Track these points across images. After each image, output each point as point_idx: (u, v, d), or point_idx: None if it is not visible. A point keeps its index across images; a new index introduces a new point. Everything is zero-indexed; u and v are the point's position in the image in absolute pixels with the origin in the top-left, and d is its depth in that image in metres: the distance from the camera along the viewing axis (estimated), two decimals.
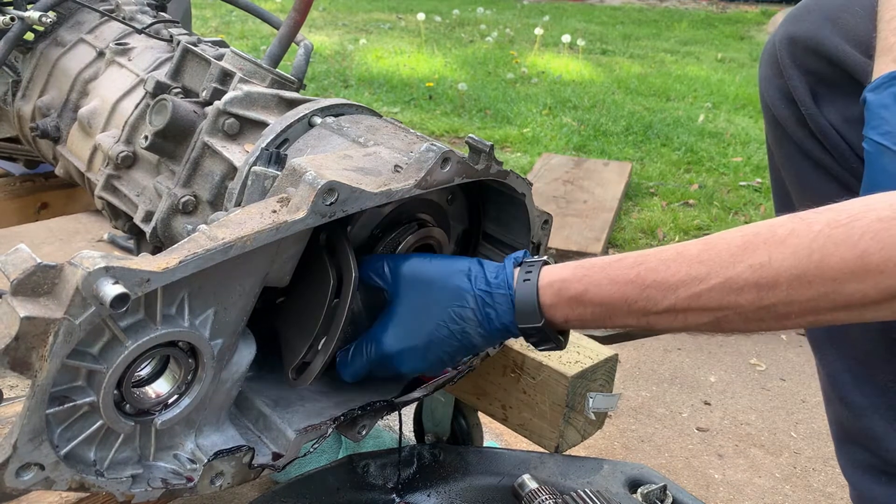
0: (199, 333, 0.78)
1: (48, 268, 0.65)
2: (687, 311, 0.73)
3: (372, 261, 0.90)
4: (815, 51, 0.97)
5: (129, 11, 1.39)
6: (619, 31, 7.39)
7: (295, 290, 0.90)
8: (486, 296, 0.83)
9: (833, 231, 0.65)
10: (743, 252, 0.69)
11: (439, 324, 0.85)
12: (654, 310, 0.74)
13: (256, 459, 0.86)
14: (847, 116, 0.95)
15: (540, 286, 0.81)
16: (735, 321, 0.71)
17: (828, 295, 0.66)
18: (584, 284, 0.78)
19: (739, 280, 0.69)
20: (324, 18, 7.28)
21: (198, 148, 1.04)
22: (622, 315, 0.77)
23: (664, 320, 0.75)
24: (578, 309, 0.79)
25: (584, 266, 0.80)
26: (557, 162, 3.36)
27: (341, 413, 0.94)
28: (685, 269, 0.72)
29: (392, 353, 0.88)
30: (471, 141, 0.90)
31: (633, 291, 0.75)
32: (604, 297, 0.77)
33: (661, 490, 1.01)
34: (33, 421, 0.68)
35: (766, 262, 0.68)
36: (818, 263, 0.65)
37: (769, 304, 0.68)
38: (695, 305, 0.72)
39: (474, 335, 0.85)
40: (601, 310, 0.78)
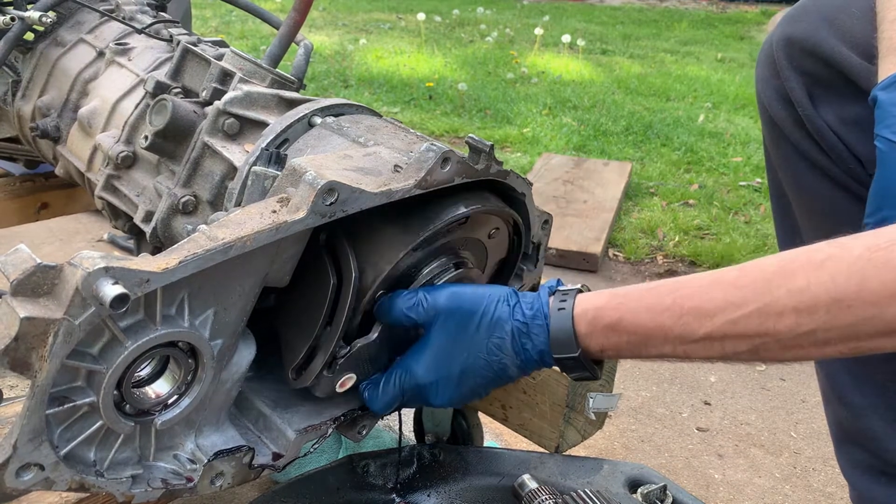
0: (199, 334, 0.78)
1: (48, 268, 0.65)
2: (724, 338, 0.72)
3: (404, 297, 0.88)
4: (811, 52, 0.96)
5: (129, 11, 1.39)
6: (619, 31, 7.39)
7: (295, 290, 0.90)
8: (523, 326, 0.83)
9: (873, 255, 0.65)
10: (781, 277, 0.69)
11: (477, 354, 0.84)
12: (692, 338, 0.73)
13: (256, 459, 0.86)
14: (843, 117, 0.95)
15: (575, 315, 0.81)
16: (773, 349, 0.70)
17: (868, 320, 0.65)
18: (620, 312, 0.78)
19: (778, 305, 0.68)
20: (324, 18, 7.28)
21: (198, 148, 1.04)
22: (658, 343, 0.76)
23: (701, 349, 0.74)
24: (614, 337, 0.78)
25: (619, 294, 0.79)
26: (557, 162, 3.36)
27: (341, 413, 0.94)
28: (722, 295, 0.72)
29: (426, 384, 0.87)
30: (471, 141, 0.90)
31: (670, 319, 0.74)
32: (639, 325, 0.76)
33: (661, 490, 1.01)
34: (33, 421, 0.68)
35: (805, 286, 0.67)
36: (858, 287, 0.64)
37: (808, 331, 0.68)
38: (732, 332, 0.71)
39: (510, 366, 0.84)
40: (637, 338, 0.77)
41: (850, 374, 1.06)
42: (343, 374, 0.91)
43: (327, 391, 0.92)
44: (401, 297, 0.87)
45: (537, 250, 1.06)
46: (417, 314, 0.86)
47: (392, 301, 0.88)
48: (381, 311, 0.88)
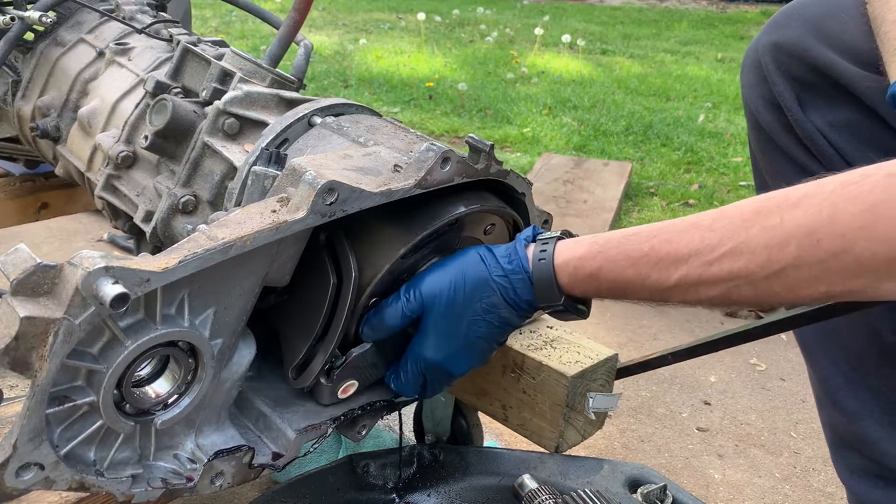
0: (199, 333, 0.78)
1: (48, 268, 0.65)
2: (698, 283, 0.73)
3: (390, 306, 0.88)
4: (800, 57, 0.97)
5: (128, 11, 1.39)
6: (619, 31, 7.39)
7: (295, 290, 0.90)
8: (505, 280, 0.85)
9: (844, 189, 0.64)
10: (756, 216, 0.69)
11: (473, 319, 0.86)
12: (667, 283, 0.75)
13: (256, 459, 0.87)
14: (833, 121, 0.95)
15: (556, 266, 0.82)
16: (745, 290, 0.70)
17: (837, 255, 0.64)
18: (599, 262, 0.79)
19: (750, 244, 0.68)
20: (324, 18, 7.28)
21: (198, 148, 1.04)
22: (637, 289, 0.78)
23: (676, 294, 0.75)
24: (594, 284, 0.81)
25: (598, 242, 0.81)
26: (557, 162, 3.36)
27: (341, 413, 0.94)
28: (698, 238, 0.72)
29: (441, 361, 0.88)
30: (471, 140, 0.90)
31: (647, 266, 0.75)
32: (618, 273, 0.78)
33: (660, 490, 1.01)
34: (33, 421, 0.68)
35: (778, 223, 0.67)
36: (829, 220, 0.64)
37: (779, 269, 0.67)
38: (706, 276, 0.72)
39: (509, 316, 0.86)
40: (616, 285, 0.79)
41: (844, 378, 1.06)
42: (343, 382, 0.92)
43: (330, 399, 0.92)
44: (388, 305, 0.88)
45: None
46: (410, 310, 0.87)
47: (382, 312, 0.88)
48: (374, 327, 0.89)
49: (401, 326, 0.88)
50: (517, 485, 0.99)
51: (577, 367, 1.07)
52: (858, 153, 0.93)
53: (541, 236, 0.87)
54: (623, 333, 2.17)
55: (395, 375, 0.93)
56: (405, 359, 0.91)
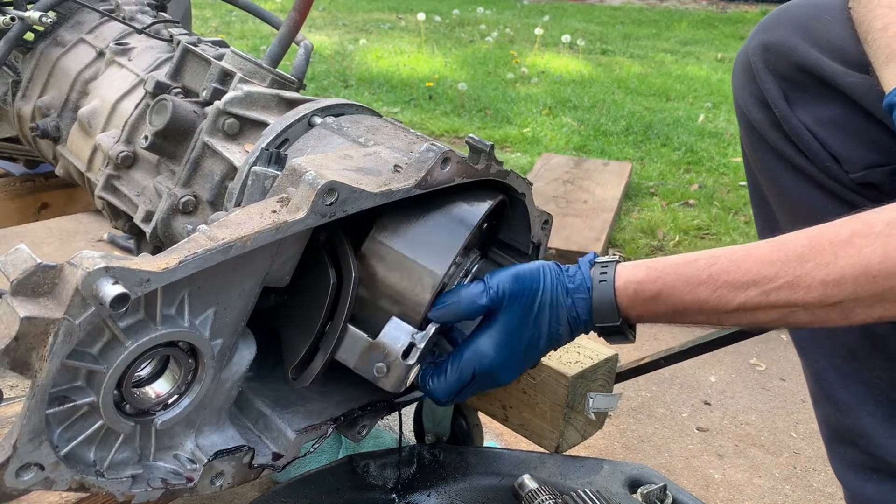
0: (200, 333, 0.78)
1: (48, 268, 0.65)
2: (757, 309, 0.77)
3: (471, 290, 0.88)
4: (787, 57, 1.00)
5: (129, 11, 1.39)
6: (619, 31, 7.39)
7: (295, 290, 0.90)
8: (569, 299, 0.87)
9: (893, 230, 0.71)
10: (810, 252, 0.74)
11: (541, 329, 0.87)
12: (726, 309, 0.79)
13: (256, 459, 0.87)
14: (819, 118, 0.99)
15: (617, 287, 0.85)
16: (802, 317, 0.76)
17: (892, 289, 0.71)
18: (659, 286, 0.82)
19: (807, 279, 0.74)
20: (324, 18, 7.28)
21: (198, 148, 1.04)
22: (694, 314, 0.81)
23: (734, 318, 0.79)
24: (653, 308, 0.84)
25: (657, 268, 0.84)
26: (557, 162, 3.36)
27: (341, 413, 0.94)
28: (756, 269, 0.77)
29: (498, 364, 0.88)
30: (471, 141, 0.90)
31: (706, 292, 0.79)
32: (678, 298, 0.81)
33: (660, 490, 1.01)
34: (33, 421, 0.68)
35: (832, 261, 0.73)
36: (881, 259, 0.70)
37: (836, 302, 0.73)
38: (764, 303, 0.77)
39: (564, 333, 0.88)
40: (675, 309, 0.82)
41: (836, 371, 1.07)
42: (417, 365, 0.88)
43: (399, 385, 0.88)
44: (467, 289, 0.88)
45: (537, 250, 1.06)
46: (490, 300, 0.87)
47: (459, 294, 0.88)
48: (448, 308, 0.88)
49: (474, 314, 0.88)
50: (517, 485, 0.99)
51: (577, 368, 1.07)
52: (844, 147, 0.97)
53: (599, 260, 0.89)
54: None
55: (438, 373, 0.90)
56: (458, 356, 0.89)
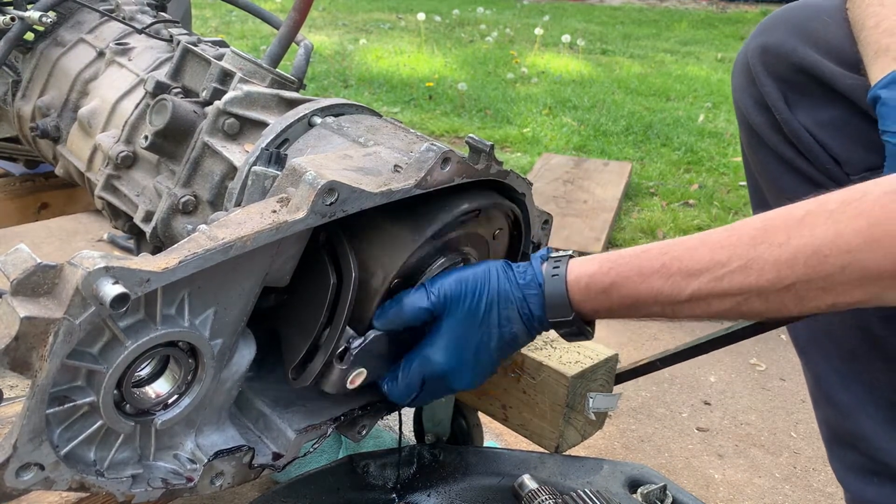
0: (200, 333, 0.78)
1: (48, 268, 0.65)
2: (710, 296, 0.75)
3: (413, 295, 0.88)
4: (786, 58, 1.00)
5: (129, 11, 1.39)
6: (619, 31, 7.39)
7: (295, 290, 0.90)
8: (520, 294, 0.86)
9: (846, 207, 0.68)
10: (763, 234, 0.72)
11: (488, 331, 0.86)
12: (679, 298, 0.77)
13: (256, 459, 0.87)
14: (819, 120, 0.99)
15: (568, 281, 0.84)
16: (756, 304, 0.74)
17: (844, 268, 0.68)
18: (612, 277, 0.81)
19: (759, 261, 0.72)
20: (324, 18, 7.28)
21: (198, 148, 1.04)
22: (649, 305, 0.79)
23: (688, 308, 0.77)
24: (606, 301, 0.82)
25: (610, 259, 0.83)
26: (557, 162, 3.36)
27: (341, 413, 0.94)
28: (708, 255, 0.75)
29: (447, 370, 0.88)
30: (471, 141, 0.90)
31: (659, 281, 0.78)
32: (630, 289, 0.80)
33: (660, 490, 1.01)
34: (33, 421, 0.68)
35: (786, 241, 0.70)
36: (833, 237, 0.68)
37: (788, 284, 0.71)
38: (717, 290, 0.74)
39: (519, 331, 0.87)
40: (628, 301, 0.80)
41: (836, 373, 1.07)
42: (355, 369, 0.89)
43: (338, 387, 0.89)
44: (409, 296, 0.87)
45: (537, 250, 1.06)
46: (432, 304, 0.87)
47: (401, 302, 0.88)
48: (390, 317, 0.88)
49: (417, 321, 0.87)
50: (517, 485, 0.99)
51: (577, 368, 1.07)
52: (844, 149, 0.97)
53: (553, 255, 0.88)
54: (623, 333, 2.17)
55: (392, 378, 0.92)
56: (409, 360, 0.90)
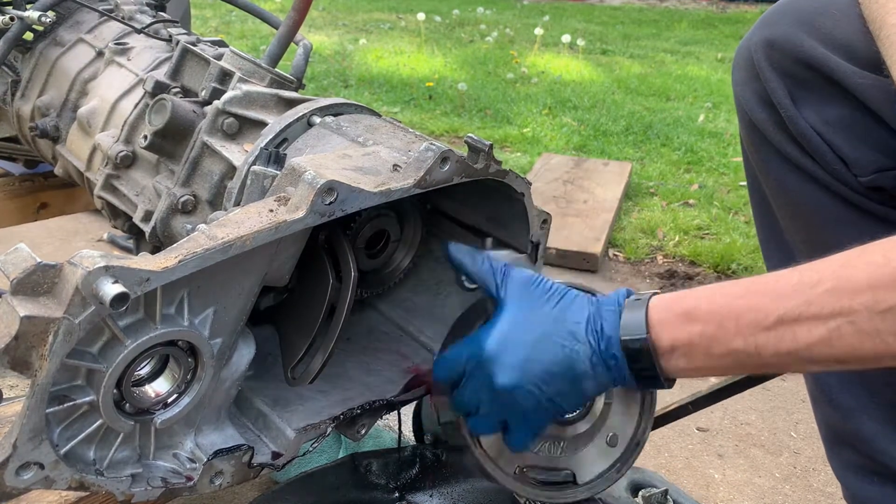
0: (199, 333, 0.78)
1: (48, 267, 0.65)
2: (797, 321, 0.69)
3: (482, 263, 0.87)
4: (792, 53, 0.96)
5: (128, 11, 1.39)
6: (619, 31, 7.39)
7: (294, 290, 0.90)
8: (597, 311, 0.81)
9: None
10: (856, 256, 0.69)
11: (551, 333, 0.81)
12: (765, 323, 0.71)
13: (256, 458, 0.87)
14: (826, 118, 0.95)
15: (650, 304, 0.79)
16: (848, 335, 0.68)
17: None
18: (696, 299, 0.77)
19: (852, 280, 0.67)
20: (324, 18, 7.28)
21: (197, 147, 1.04)
22: (731, 334, 0.73)
23: (774, 338, 0.71)
24: (687, 327, 0.76)
25: (696, 289, 0.79)
26: (557, 162, 3.36)
27: (340, 412, 0.94)
28: (797, 277, 0.71)
29: (492, 356, 0.83)
30: (470, 140, 0.90)
31: (743, 303, 0.73)
32: (714, 311, 0.75)
33: (662, 494, 1.01)
34: (33, 420, 0.68)
35: (883, 262, 0.66)
36: None
37: (885, 308, 0.66)
38: (806, 314, 0.69)
39: (581, 353, 0.80)
40: (710, 328, 0.74)
41: (837, 374, 1.05)
42: None
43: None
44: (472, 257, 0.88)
45: (536, 249, 1.06)
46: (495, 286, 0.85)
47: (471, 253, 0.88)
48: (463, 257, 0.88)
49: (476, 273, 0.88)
50: None
51: None
52: (852, 150, 0.93)
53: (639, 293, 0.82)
54: None
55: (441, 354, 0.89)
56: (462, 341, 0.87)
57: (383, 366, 1.05)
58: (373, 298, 1.15)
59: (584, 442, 0.92)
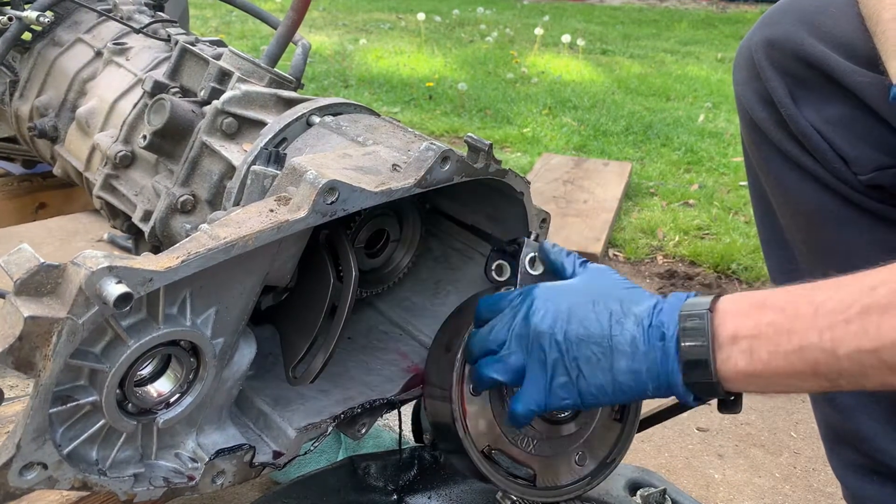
0: (201, 332, 0.78)
1: (51, 267, 0.65)
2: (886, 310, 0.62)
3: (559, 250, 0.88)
4: (793, 53, 0.96)
5: (126, 11, 1.39)
6: (619, 31, 7.39)
7: (295, 289, 0.90)
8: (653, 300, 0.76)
9: None
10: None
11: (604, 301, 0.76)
12: (846, 313, 0.63)
13: (257, 458, 0.87)
14: (827, 117, 0.95)
15: (722, 296, 0.73)
16: None
17: None
18: (766, 294, 0.71)
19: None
20: (324, 18, 7.28)
21: (196, 147, 1.04)
22: (805, 326, 0.66)
23: (853, 332, 0.63)
24: (757, 314, 0.69)
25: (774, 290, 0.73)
26: (557, 162, 3.36)
27: (341, 411, 0.94)
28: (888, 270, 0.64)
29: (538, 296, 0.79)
30: (469, 140, 0.90)
31: (823, 294, 0.66)
32: (791, 298, 0.68)
33: (660, 493, 1.01)
34: (37, 420, 0.68)
35: None
36: None
37: None
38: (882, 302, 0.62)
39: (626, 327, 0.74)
40: (782, 318, 0.67)
41: None
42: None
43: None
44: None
45: None
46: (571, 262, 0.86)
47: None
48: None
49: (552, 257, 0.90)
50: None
51: None
52: (852, 148, 0.94)
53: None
54: None
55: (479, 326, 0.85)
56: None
57: (383, 365, 1.05)
58: (372, 298, 1.15)
59: (555, 449, 0.92)
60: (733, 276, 2.46)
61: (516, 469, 0.90)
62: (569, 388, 0.77)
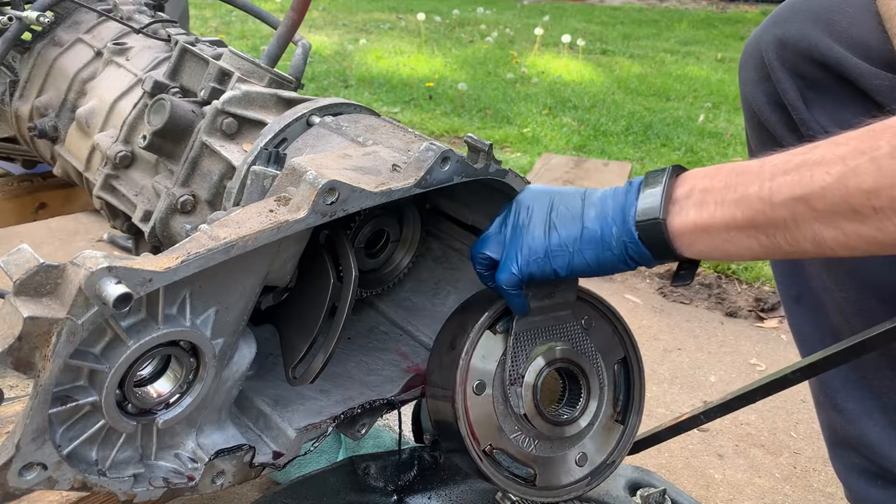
0: (201, 333, 0.78)
1: (51, 268, 0.65)
2: (819, 163, 0.65)
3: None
4: (806, 53, 0.93)
5: (126, 11, 1.39)
6: (619, 31, 7.39)
7: (295, 290, 0.90)
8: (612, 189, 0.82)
9: None
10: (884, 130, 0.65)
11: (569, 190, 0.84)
12: (785, 167, 0.67)
13: (257, 458, 0.87)
14: (839, 121, 0.92)
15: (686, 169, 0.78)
16: (867, 173, 0.63)
17: None
18: (730, 163, 0.75)
19: (882, 126, 0.64)
20: (324, 18, 7.28)
21: (196, 147, 1.04)
22: (750, 179, 0.69)
23: (789, 181, 0.67)
24: (710, 177, 0.73)
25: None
26: (557, 162, 3.37)
27: (341, 411, 0.94)
28: (830, 139, 0.67)
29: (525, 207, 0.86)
30: (469, 140, 0.90)
31: (771, 155, 0.70)
32: (744, 165, 0.72)
33: (660, 493, 1.01)
34: (36, 420, 0.68)
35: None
36: None
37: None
38: (829, 156, 0.65)
39: (589, 192, 0.82)
40: (732, 177, 0.71)
41: (842, 378, 1.04)
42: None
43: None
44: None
45: None
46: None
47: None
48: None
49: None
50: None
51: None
52: None
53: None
54: None
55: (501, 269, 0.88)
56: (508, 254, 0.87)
57: (383, 365, 1.05)
58: (372, 298, 1.15)
59: (556, 449, 0.92)
60: (733, 276, 2.46)
61: (517, 468, 0.90)
62: (540, 243, 0.84)
